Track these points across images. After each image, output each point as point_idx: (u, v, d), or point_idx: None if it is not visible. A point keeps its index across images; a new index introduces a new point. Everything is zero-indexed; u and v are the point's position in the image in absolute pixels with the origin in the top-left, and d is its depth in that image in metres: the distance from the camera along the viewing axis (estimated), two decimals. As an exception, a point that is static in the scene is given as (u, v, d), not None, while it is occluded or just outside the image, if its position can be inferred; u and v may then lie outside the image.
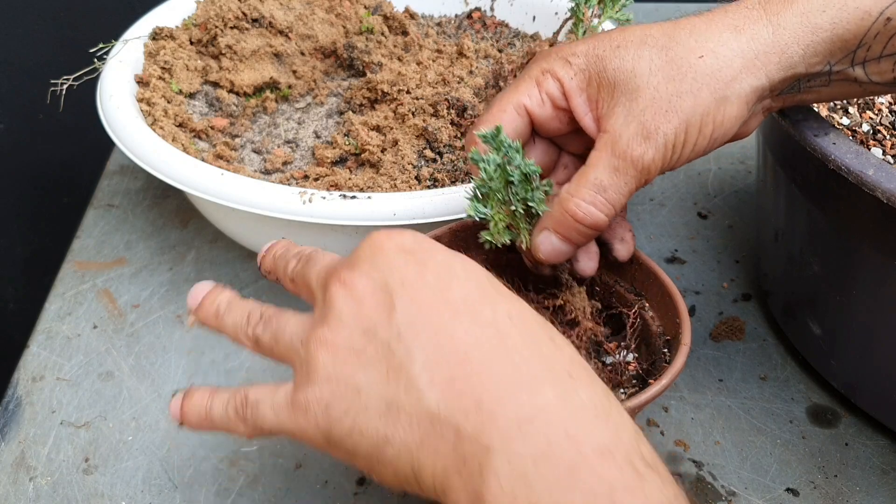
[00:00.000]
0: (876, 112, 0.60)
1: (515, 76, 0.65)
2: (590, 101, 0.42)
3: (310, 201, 0.52)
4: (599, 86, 0.41)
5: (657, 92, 0.39)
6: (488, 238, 0.43)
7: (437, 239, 0.49)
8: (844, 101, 0.61)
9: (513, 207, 0.41)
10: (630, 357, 0.48)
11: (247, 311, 0.39)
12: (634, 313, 0.48)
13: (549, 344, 0.33)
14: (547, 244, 0.42)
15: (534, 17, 0.78)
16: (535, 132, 0.45)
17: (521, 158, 0.39)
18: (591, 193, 0.40)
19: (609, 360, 0.48)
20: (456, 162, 0.60)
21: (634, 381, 0.47)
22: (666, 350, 0.46)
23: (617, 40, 0.41)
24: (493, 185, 0.40)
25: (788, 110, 0.47)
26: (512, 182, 0.40)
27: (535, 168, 0.39)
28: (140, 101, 0.63)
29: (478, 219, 0.42)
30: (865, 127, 0.58)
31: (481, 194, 0.41)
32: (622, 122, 0.40)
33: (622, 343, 0.48)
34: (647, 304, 0.48)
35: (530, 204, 0.40)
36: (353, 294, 0.34)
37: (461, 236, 0.50)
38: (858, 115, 0.59)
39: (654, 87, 0.39)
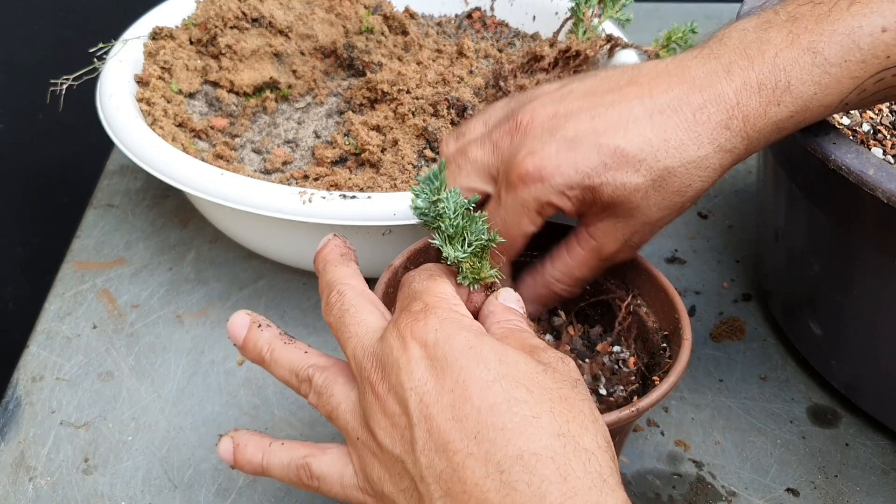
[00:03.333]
0: (876, 112, 0.60)
1: (516, 76, 0.65)
2: (578, 212, 0.44)
3: (310, 201, 0.52)
4: (592, 205, 0.42)
5: (648, 218, 0.42)
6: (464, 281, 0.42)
7: (425, 249, 0.48)
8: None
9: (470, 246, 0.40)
10: (627, 354, 0.48)
11: (293, 370, 0.40)
12: (626, 308, 0.48)
13: (559, 487, 0.31)
14: (530, 310, 0.46)
15: (534, 17, 0.78)
16: None
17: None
18: (574, 283, 0.46)
19: (605, 358, 0.48)
20: (456, 162, 0.59)
21: (633, 378, 0.47)
22: (665, 345, 0.46)
23: (611, 169, 0.41)
24: (459, 223, 0.39)
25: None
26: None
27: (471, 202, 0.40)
28: (140, 100, 0.63)
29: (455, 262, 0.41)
30: (866, 127, 0.58)
31: (448, 237, 0.40)
32: (611, 238, 0.43)
33: (612, 339, 0.48)
34: (640, 301, 0.49)
35: (475, 240, 0.40)
36: (384, 410, 0.35)
37: None
38: (859, 114, 0.59)
39: (646, 214, 0.42)
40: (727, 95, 0.40)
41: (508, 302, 0.41)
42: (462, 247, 0.39)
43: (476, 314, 0.41)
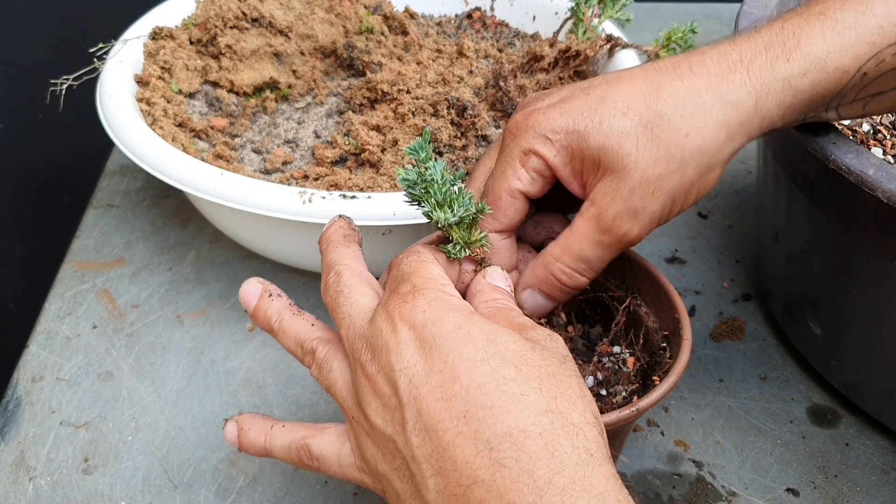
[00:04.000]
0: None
1: (516, 76, 0.65)
2: (574, 173, 0.41)
3: (309, 201, 0.52)
4: (583, 161, 0.40)
5: (644, 173, 0.39)
6: (451, 251, 0.42)
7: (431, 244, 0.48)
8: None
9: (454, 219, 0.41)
10: (626, 354, 0.48)
11: (298, 342, 0.41)
12: (624, 309, 0.48)
13: (547, 462, 0.32)
14: (532, 301, 0.44)
15: (534, 17, 0.78)
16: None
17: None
18: (575, 261, 0.42)
19: (605, 359, 0.48)
20: (456, 162, 0.59)
21: (633, 378, 0.47)
22: (665, 345, 0.46)
23: (598, 113, 0.39)
24: (448, 189, 0.40)
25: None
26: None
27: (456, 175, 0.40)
28: (140, 100, 0.63)
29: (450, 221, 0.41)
30: (866, 127, 0.58)
31: (437, 203, 0.40)
32: (609, 198, 0.40)
33: (611, 339, 0.48)
34: (640, 301, 0.48)
35: (463, 211, 0.40)
36: (376, 391, 0.35)
37: None
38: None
39: (641, 167, 0.39)
40: (729, 54, 0.39)
41: (495, 280, 0.41)
42: (451, 211, 0.40)
43: (465, 292, 0.41)
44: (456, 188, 0.40)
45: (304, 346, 0.40)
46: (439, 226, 0.40)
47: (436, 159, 0.39)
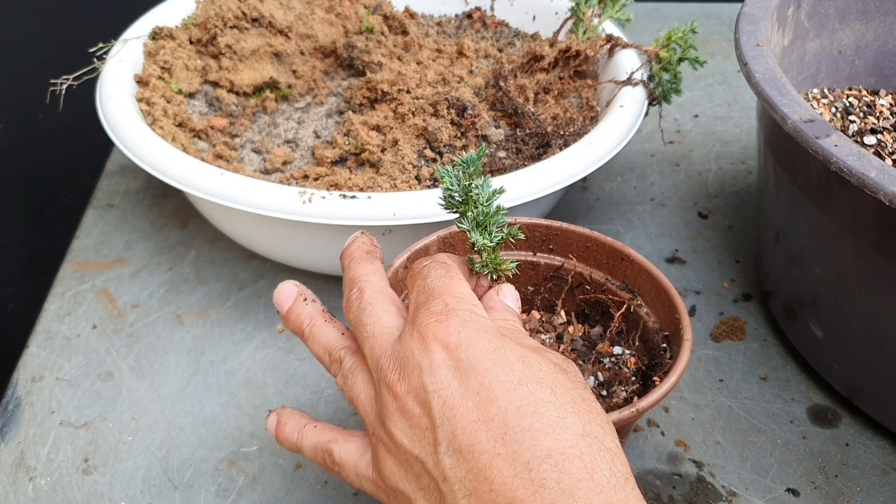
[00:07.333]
0: (878, 115, 0.60)
1: (516, 76, 0.65)
2: None
3: (309, 201, 0.52)
4: None
5: None
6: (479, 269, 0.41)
7: (425, 249, 0.49)
8: (846, 102, 0.61)
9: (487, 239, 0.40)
10: (627, 354, 0.48)
11: (327, 349, 0.41)
12: (620, 315, 0.48)
13: (587, 483, 0.32)
14: None
15: (534, 17, 0.78)
16: None
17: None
18: None
19: (606, 359, 0.48)
20: (456, 162, 0.59)
21: (634, 378, 0.47)
22: (665, 346, 0.46)
23: None
24: (490, 211, 0.39)
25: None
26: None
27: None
28: (139, 100, 0.63)
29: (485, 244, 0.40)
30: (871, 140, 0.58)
31: (476, 224, 0.40)
32: None
33: (607, 342, 0.48)
34: (640, 301, 0.48)
35: (496, 231, 0.40)
36: (403, 411, 0.35)
37: (449, 242, 0.50)
38: (860, 122, 0.59)
39: None
40: None
41: (507, 300, 0.41)
42: (489, 235, 0.39)
43: None
44: (494, 206, 0.39)
45: (333, 354, 0.40)
46: (475, 248, 0.40)
47: (483, 175, 0.38)
